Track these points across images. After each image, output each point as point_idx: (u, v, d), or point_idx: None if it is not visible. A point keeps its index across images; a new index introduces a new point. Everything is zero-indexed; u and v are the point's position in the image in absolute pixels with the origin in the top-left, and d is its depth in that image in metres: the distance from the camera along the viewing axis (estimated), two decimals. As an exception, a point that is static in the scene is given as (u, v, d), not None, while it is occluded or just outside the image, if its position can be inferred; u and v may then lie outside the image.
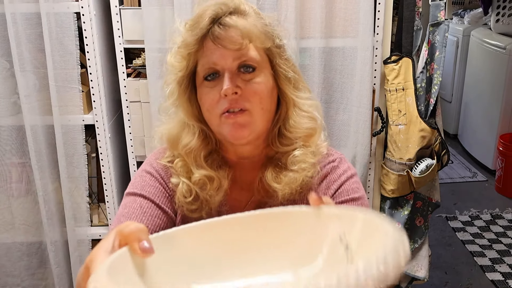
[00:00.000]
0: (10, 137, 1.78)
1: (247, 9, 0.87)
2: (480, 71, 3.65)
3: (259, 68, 0.86)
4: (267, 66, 0.88)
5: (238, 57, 0.84)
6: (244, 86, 0.84)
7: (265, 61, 0.87)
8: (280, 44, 0.89)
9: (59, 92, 1.72)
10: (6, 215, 1.87)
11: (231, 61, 0.84)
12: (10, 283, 1.93)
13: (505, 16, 3.45)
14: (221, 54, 0.84)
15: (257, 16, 0.88)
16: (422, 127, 1.81)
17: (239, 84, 0.84)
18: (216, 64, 0.84)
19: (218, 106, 0.85)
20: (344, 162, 1.00)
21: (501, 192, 3.27)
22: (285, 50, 0.91)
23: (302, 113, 0.91)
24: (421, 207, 1.98)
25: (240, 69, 0.85)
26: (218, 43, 0.83)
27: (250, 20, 0.85)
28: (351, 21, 1.73)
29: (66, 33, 1.67)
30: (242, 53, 0.84)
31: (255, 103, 0.85)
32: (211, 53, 0.84)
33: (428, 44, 1.84)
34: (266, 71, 0.87)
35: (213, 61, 0.84)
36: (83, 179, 1.82)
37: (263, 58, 0.87)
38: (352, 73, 1.78)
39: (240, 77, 0.84)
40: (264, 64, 0.87)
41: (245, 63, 0.85)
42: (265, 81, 0.86)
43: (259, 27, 0.85)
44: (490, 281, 2.41)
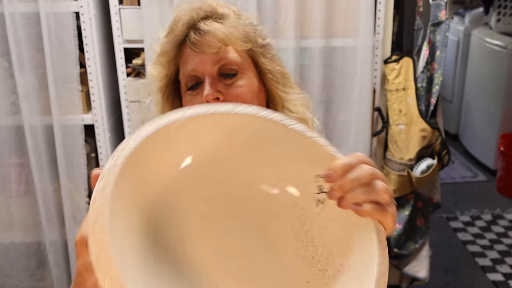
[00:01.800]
0: (9, 137, 1.78)
1: (225, 11, 0.85)
2: (481, 70, 3.64)
3: (241, 71, 0.83)
4: (251, 67, 0.85)
5: (217, 61, 0.82)
6: (226, 91, 0.82)
7: (247, 63, 0.85)
8: (264, 43, 0.87)
9: (58, 92, 1.71)
10: (5, 215, 1.87)
11: (211, 66, 0.82)
12: (8, 284, 1.93)
13: (506, 16, 3.44)
14: (200, 60, 0.82)
15: (237, 18, 0.85)
16: (422, 127, 1.81)
17: (221, 89, 0.82)
18: (196, 70, 0.82)
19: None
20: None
21: (502, 192, 3.26)
22: (270, 49, 0.88)
23: (292, 115, 0.88)
24: (421, 207, 1.97)
25: (221, 73, 0.83)
26: (195, 49, 0.81)
27: (228, 22, 0.83)
28: (351, 21, 1.73)
29: (65, 32, 1.66)
30: (221, 56, 0.82)
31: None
32: (190, 60, 0.83)
33: (429, 44, 1.83)
34: (250, 73, 0.85)
35: (193, 68, 0.82)
36: (82, 179, 1.82)
37: (245, 60, 0.85)
38: (352, 73, 1.78)
39: (221, 82, 0.82)
40: (247, 66, 0.85)
41: (225, 67, 0.82)
42: (248, 84, 0.84)
43: (239, 28, 0.83)
44: (491, 281, 2.40)
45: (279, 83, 0.87)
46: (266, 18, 1.70)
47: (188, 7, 0.83)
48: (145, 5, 1.67)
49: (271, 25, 1.71)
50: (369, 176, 0.54)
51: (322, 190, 0.57)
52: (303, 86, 1.78)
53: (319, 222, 0.56)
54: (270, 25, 1.71)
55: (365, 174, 0.54)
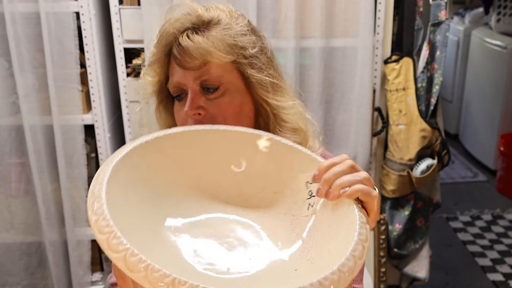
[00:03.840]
0: (9, 137, 1.78)
1: (214, 17, 0.82)
2: (481, 70, 3.64)
3: (223, 86, 0.81)
4: (236, 80, 0.83)
5: (198, 77, 0.81)
6: (208, 106, 0.81)
7: (232, 76, 0.82)
8: (252, 53, 0.83)
9: (58, 92, 1.71)
10: (5, 215, 1.87)
11: (192, 81, 0.81)
12: (9, 282, 1.93)
13: (506, 16, 3.44)
14: (182, 73, 0.81)
15: (225, 25, 0.82)
16: (422, 127, 1.81)
17: (203, 104, 0.81)
18: (180, 83, 0.82)
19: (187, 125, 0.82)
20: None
21: (502, 192, 3.27)
22: (259, 58, 0.84)
23: (285, 125, 0.85)
24: (421, 207, 1.97)
25: (203, 87, 0.82)
26: (177, 63, 0.81)
27: (213, 33, 0.80)
28: (351, 21, 1.73)
29: (66, 32, 1.66)
30: (202, 71, 0.80)
31: (220, 124, 0.80)
32: (176, 72, 0.83)
33: (429, 44, 1.84)
34: (233, 87, 0.82)
35: (177, 81, 0.82)
36: (82, 179, 1.82)
37: (229, 73, 0.82)
38: (352, 73, 1.78)
39: (204, 96, 0.82)
40: (231, 79, 0.82)
41: (206, 83, 0.81)
42: (230, 100, 0.82)
43: (224, 39, 0.80)
44: (491, 281, 2.40)
45: (269, 92, 0.84)
46: (266, 18, 1.70)
47: (175, 17, 0.82)
48: (145, 5, 1.67)
49: (271, 25, 1.71)
50: (350, 167, 0.61)
51: (312, 195, 0.62)
52: (303, 86, 1.79)
53: (310, 223, 0.60)
54: (270, 25, 1.71)
55: (346, 167, 0.61)
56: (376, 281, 1.98)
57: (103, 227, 0.48)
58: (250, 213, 0.64)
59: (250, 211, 0.64)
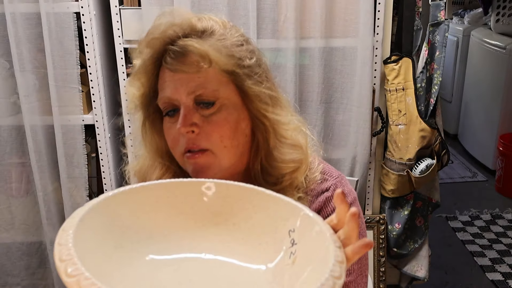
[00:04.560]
0: (10, 137, 1.78)
1: (207, 26, 0.77)
2: (480, 71, 3.65)
3: (219, 101, 0.76)
4: (232, 95, 0.77)
5: (192, 91, 0.75)
6: (202, 123, 0.75)
7: (229, 90, 0.77)
8: (250, 63, 0.78)
9: (59, 92, 1.72)
10: (6, 215, 1.87)
11: (186, 96, 0.75)
12: (10, 282, 1.93)
13: (505, 16, 3.45)
14: (175, 87, 0.75)
15: (220, 36, 0.77)
16: (422, 127, 1.81)
17: (197, 121, 0.75)
18: (172, 98, 0.76)
19: (179, 144, 0.77)
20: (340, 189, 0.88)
21: (501, 192, 3.27)
22: (256, 70, 0.79)
23: (285, 141, 0.81)
24: (421, 207, 1.98)
25: (197, 102, 0.76)
26: (172, 68, 0.75)
27: (207, 43, 0.75)
28: (351, 21, 1.73)
29: (66, 33, 1.66)
30: (196, 85, 0.75)
31: (215, 142, 0.76)
32: (167, 86, 0.76)
33: (428, 44, 1.84)
34: (229, 102, 0.77)
35: (168, 96, 0.76)
36: (83, 179, 1.82)
37: (225, 87, 0.76)
38: (352, 73, 1.78)
39: (198, 112, 0.76)
40: (227, 94, 0.76)
41: (200, 98, 0.75)
42: (226, 115, 0.76)
43: (220, 49, 0.75)
44: (490, 281, 2.41)
45: (268, 105, 0.79)
46: (266, 18, 1.71)
47: (166, 23, 0.76)
48: (146, 5, 1.67)
49: (271, 25, 1.72)
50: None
51: (294, 243, 0.59)
52: (303, 86, 1.79)
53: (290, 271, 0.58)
54: (270, 25, 1.72)
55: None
56: (376, 280, 1.98)
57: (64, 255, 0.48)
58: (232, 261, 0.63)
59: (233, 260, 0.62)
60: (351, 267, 0.83)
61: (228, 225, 0.63)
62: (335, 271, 0.51)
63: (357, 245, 0.54)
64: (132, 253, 0.59)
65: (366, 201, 1.97)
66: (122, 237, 0.59)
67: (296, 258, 0.58)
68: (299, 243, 0.59)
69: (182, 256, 0.61)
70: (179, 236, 0.62)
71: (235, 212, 0.64)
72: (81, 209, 0.56)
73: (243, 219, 0.63)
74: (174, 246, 0.62)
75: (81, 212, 0.55)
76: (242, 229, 0.63)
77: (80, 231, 0.52)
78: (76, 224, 0.53)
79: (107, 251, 0.56)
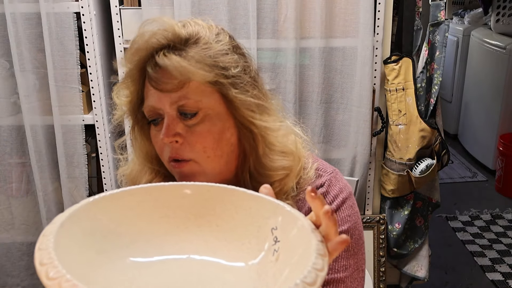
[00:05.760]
0: (10, 137, 1.78)
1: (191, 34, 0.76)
2: (480, 71, 3.65)
3: (202, 111, 0.76)
4: (216, 105, 0.77)
5: (175, 101, 0.75)
6: (185, 133, 0.76)
7: (212, 99, 0.76)
8: (234, 73, 0.76)
9: (59, 92, 1.72)
10: (6, 215, 1.87)
11: (169, 106, 0.75)
12: (10, 283, 1.93)
13: (505, 16, 3.45)
14: (158, 97, 0.75)
15: (203, 46, 0.75)
16: (422, 127, 1.81)
17: (180, 131, 0.76)
18: (156, 108, 0.76)
19: (164, 152, 0.78)
20: (335, 183, 0.87)
21: (501, 192, 3.27)
22: (242, 78, 0.78)
23: (274, 148, 0.80)
24: (421, 207, 1.98)
25: (180, 113, 0.76)
26: (152, 85, 0.75)
27: (191, 53, 0.74)
28: (351, 21, 1.73)
29: (66, 33, 1.67)
30: (179, 96, 0.74)
31: (199, 153, 0.76)
32: (151, 95, 0.77)
33: (428, 44, 1.84)
34: (213, 112, 0.76)
35: (152, 105, 0.77)
36: (83, 179, 1.82)
37: (209, 96, 0.76)
38: (352, 73, 1.78)
39: (181, 122, 0.76)
40: (211, 104, 0.76)
41: (183, 108, 0.75)
42: (209, 127, 0.76)
43: (204, 59, 0.74)
44: (490, 281, 2.41)
45: (255, 113, 0.78)
46: (266, 18, 1.71)
47: (150, 32, 0.75)
48: (146, 5, 1.67)
49: (271, 25, 1.72)
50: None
51: (277, 240, 0.60)
52: (303, 86, 1.79)
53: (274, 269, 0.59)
54: (270, 25, 1.72)
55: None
56: (376, 280, 1.98)
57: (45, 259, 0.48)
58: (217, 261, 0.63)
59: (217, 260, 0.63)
60: (347, 262, 0.84)
61: (211, 227, 0.64)
62: (317, 263, 0.51)
63: (335, 241, 0.54)
64: (114, 257, 0.58)
65: (366, 201, 1.97)
66: (104, 242, 0.59)
67: (280, 255, 0.58)
68: (282, 240, 0.59)
69: (165, 258, 0.61)
70: (162, 240, 0.63)
71: (217, 214, 0.64)
72: (62, 214, 0.56)
73: (225, 220, 0.64)
74: (157, 249, 0.62)
75: (61, 217, 0.55)
76: (225, 230, 0.64)
77: (61, 236, 0.52)
78: (56, 229, 0.52)
79: (88, 256, 0.56)
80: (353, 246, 0.84)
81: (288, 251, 0.58)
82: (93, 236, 0.58)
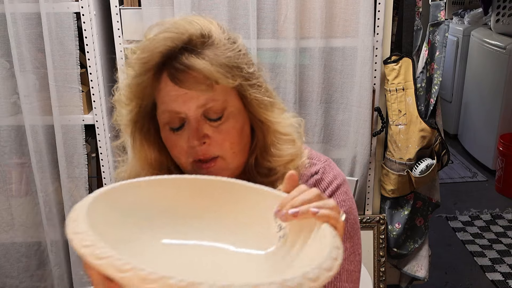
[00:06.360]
0: (10, 137, 1.78)
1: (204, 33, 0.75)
2: (480, 71, 3.65)
3: (226, 110, 0.77)
4: (236, 102, 0.79)
5: (202, 104, 0.75)
6: (212, 133, 0.77)
7: (232, 97, 0.78)
8: (249, 71, 0.78)
9: (59, 92, 1.72)
10: (5, 215, 1.87)
11: (195, 109, 0.75)
12: (9, 284, 1.93)
13: (505, 16, 3.45)
14: (182, 101, 0.75)
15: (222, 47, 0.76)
16: (422, 127, 1.81)
17: (207, 132, 0.77)
18: (179, 112, 0.76)
19: (187, 155, 0.78)
20: (329, 171, 0.90)
21: (501, 192, 3.27)
22: (256, 76, 0.80)
23: (282, 138, 0.83)
24: (421, 207, 1.98)
25: (205, 116, 0.77)
26: (181, 85, 0.74)
27: (212, 54, 0.74)
28: (351, 21, 1.73)
29: (66, 33, 1.66)
30: (207, 98, 0.75)
31: (226, 149, 0.78)
32: (171, 100, 0.75)
33: (428, 44, 1.84)
34: (235, 109, 0.79)
35: (175, 110, 0.76)
36: (83, 179, 1.82)
37: (230, 94, 0.78)
38: (352, 73, 1.78)
39: (207, 123, 0.77)
40: (233, 102, 0.78)
41: (210, 112, 0.76)
42: (234, 124, 0.78)
43: (224, 61, 0.75)
44: (490, 281, 2.41)
45: (267, 108, 0.81)
46: (266, 18, 1.71)
47: (164, 35, 0.74)
48: (146, 5, 1.67)
49: (271, 25, 1.72)
50: (317, 196, 0.63)
51: (282, 227, 0.65)
52: (303, 86, 1.79)
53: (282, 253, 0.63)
54: (270, 25, 1.72)
55: (312, 195, 0.63)
56: (376, 280, 1.98)
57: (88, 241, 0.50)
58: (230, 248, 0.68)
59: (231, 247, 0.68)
60: (344, 246, 0.87)
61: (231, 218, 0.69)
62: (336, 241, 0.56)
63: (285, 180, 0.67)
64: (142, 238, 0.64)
65: (366, 201, 1.97)
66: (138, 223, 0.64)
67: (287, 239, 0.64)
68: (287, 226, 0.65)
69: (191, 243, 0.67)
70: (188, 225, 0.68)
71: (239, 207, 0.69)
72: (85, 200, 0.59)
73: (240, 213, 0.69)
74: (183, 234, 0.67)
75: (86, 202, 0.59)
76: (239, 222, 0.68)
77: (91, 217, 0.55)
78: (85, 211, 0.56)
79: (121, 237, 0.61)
80: (348, 230, 0.88)
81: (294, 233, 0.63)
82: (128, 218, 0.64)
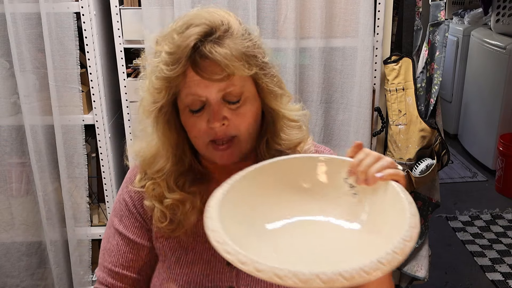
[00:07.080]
0: (10, 137, 1.78)
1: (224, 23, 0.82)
2: (480, 71, 3.65)
3: (243, 95, 0.84)
4: (251, 88, 0.85)
5: (222, 89, 0.81)
6: (230, 116, 0.83)
7: (249, 84, 0.85)
8: (265, 61, 0.85)
9: (59, 92, 1.72)
10: (5, 215, 1.87)
11: (216, 92, 0.81)
12: (9, 283, 1.93)
13: (505, 16, 3.45)
14: (204, 85, 0.81)
15: (241, 37, 0.82)
16: (422, 127, 1.81)
17: (226, 114, 0.83)
18: (201, 96, 0.82)
19: (205, 135, 0.84)
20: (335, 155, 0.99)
21: (501, 192, 3.27)
22: (270, 66, 0.87)
23: (291, 124, 0.92)
24: (421, 207, 1.98)
25: (225, 99, 0.83)
26: (203, 74, 0.80)
27: (232, 43, 0.80)
28: (351, 21, 1.73)
29: (66, 33, 1.67)
30: (227, 83, 0.81)
31: (243, 130, 0.85)
32: (194, 85, 0.81)
33: (428, 44, 1.84)
34: (251, 95, 0.85)
35: (197, 93, 0.82)
36: (83, 179, 1.82)
37: (247, 82, 0.84)
38: (352, 73, 1.78)
39: (226, 106, 0.83)
40: (249, 88, 0.85)
41: (230, 94, 0.82)
42: (250, 107, 0.85)
43: (243, 50, 0.81)
44: (490, 281, 2.41)
45: (277, 99, 0.88)
46: (266, 18, 1.71)
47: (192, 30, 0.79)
48: (146, 5, 1.67)
49: (271, 25, 1.72)
50: (377, 157, 0.77)
51: (352, 186, 0.79)
52: (303, 86, 1.79)
53: (359, 206, 0.77)
54: (270, 25, 1.72)
55: (373, 158, 0.77)
56: (376, 280, 1.98)
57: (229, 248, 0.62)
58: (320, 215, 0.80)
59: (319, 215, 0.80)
60: None
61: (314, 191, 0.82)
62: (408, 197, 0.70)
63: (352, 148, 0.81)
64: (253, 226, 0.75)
65: (366, 201, 1.96)
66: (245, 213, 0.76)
67: (360, 196, 0.78)
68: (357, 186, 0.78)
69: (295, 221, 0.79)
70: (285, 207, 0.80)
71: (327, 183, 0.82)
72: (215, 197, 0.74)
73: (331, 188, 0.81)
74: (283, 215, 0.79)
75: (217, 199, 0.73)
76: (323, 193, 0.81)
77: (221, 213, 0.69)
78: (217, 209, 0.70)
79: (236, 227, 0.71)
80: None
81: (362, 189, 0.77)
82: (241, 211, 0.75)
